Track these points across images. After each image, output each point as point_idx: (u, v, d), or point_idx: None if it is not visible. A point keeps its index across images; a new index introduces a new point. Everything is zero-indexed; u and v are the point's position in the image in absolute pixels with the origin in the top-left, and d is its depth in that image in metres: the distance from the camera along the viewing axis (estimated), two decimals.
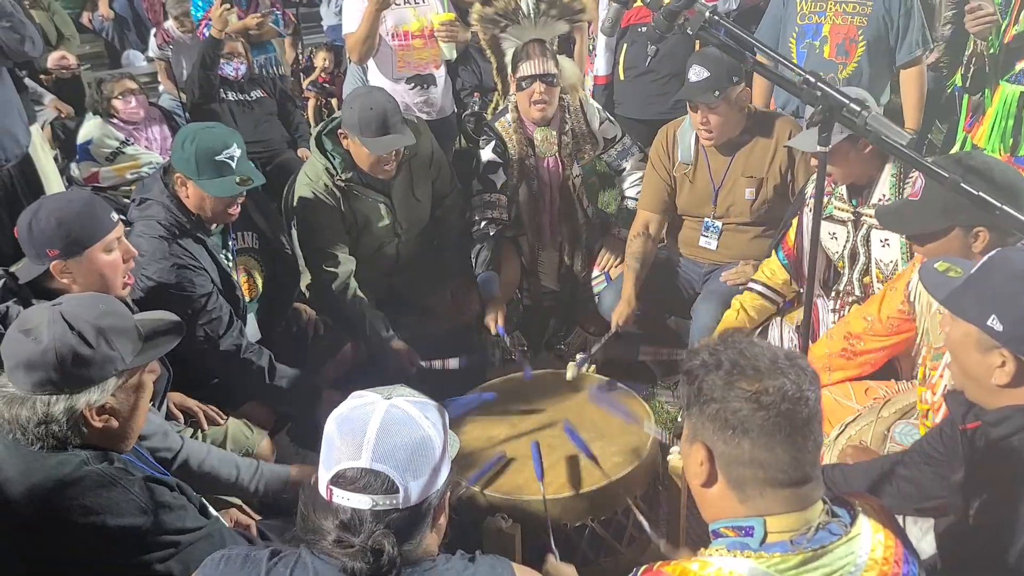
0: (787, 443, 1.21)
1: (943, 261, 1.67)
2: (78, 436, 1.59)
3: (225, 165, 2.51)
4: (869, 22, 3.44)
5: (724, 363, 1.25)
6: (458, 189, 3.40)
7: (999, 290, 1.50)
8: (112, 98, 4.36)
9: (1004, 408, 1.53)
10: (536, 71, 3.11)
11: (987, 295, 1.51)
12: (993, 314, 1.48)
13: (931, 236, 2.05)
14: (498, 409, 2.56)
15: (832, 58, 3.50)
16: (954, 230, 1.99)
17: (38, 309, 1.63)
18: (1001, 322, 1.47)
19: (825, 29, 3.50)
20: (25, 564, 1.58)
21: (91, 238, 2.10)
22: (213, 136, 2.54)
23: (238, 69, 4.71)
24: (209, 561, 1.38)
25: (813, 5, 3.52)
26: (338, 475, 1.29)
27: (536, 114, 3.20)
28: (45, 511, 1.55)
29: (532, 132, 3.29)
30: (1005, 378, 1.49)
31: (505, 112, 3.34)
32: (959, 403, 1.66)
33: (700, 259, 3.26)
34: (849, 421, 2.31)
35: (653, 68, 3.86)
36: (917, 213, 2.08)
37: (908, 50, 3.45)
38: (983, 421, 1.57)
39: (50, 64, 4.62)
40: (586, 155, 3.38)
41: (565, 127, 3.30)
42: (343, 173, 2.97)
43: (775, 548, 1.21)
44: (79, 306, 1.63)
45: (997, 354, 1.50)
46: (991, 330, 1.48)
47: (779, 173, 3.02)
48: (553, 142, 3.29)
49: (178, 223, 2.55)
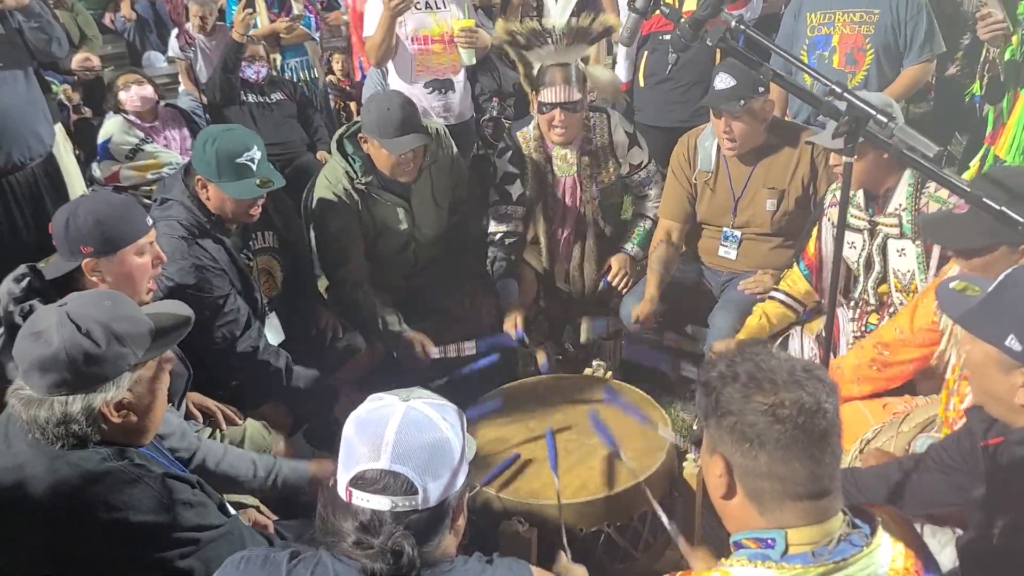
0: (804, 456, 1.21)
1: (960, 280, 1.65)
2: (98, 433, 1.60)
3: (246, 168, 2.54)
4: (876, 30, 3.44)
5: (741, 375, 1.25)
6: (476, 195, 3.41)
7: (1017, 310, 1.48)
8: (117, 91, 4.41)
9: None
10: (557, 99, 3.05)
11: (1005, 315, 1.49)
12: (1012, 334, 1.46)
13: (977, 251, 2.01)
14: (513, 413, 2.57)
15: (841, 67, 3.51)
16: (1001, 247, 1.95)
17: (45, 311, 1.64)
18: (1021, 342, 1.45)
19: (834, 40, 3.52)
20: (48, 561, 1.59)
21: (125, 239, 2.13)
22: (234, 138, 2.56)
23: (259, 72, 4.76)
24: (229, 562, 1.39)
25: (822, 17, 3.54)
26: (357, 476, 1.30)
27: (555, 138, 3.16)
28: (70, 507, 1.56)
29: (551, 150, 3.26)
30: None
31: (527, 122, 3.31)
32: (981, 419, 1.65)
33: (719, 267, 3.25)
34: (869, 437, 2.29)
35: (673, 76, 3.86)
36: (963, 228, 2.03)
37: (917, 53, 3.45)
38: (1007, 439, 1.56)
39: (74, 65, 4.68)
40: (606, 177, 3.30)
41: (587, 147, 3.25)
42: (363, 177, 2.99)
43: (796, 560, 1.21)
44: (85, 305, 1.63)
45: (1019, 373, 1.48)
46: (1010, 350, 1.47)
47: (801, 185, 3.01)
48: (572, 162, 3.24)
49: (198, 223, 2.57)
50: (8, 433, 1.64)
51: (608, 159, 3.29)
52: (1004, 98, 3.32)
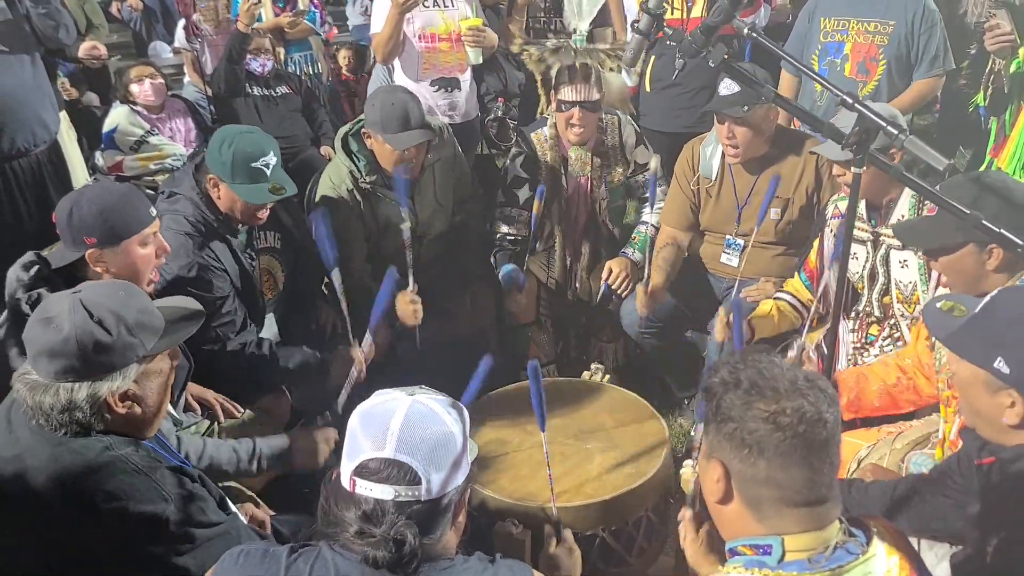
0: (803, 464, 1.21)
1: (947, 300, 1.65)
2: (101, 422, 1.61)
3: (260, 172, 2.54)
4: (890, 41, 3.44)
5: (743, 382, 1.26)
6: (479, 195, 3.41)
7: (1005, 332, 1.48)
8: (129, 83, 4.41)
9: (1020, 446, 1.51)
10: (577, 98, 3.08)
11: (992, 337, 1.49)
12: (999, 356, 1.46)
13: (945, 251, 2.03)
14: (511, 415, 2.56)
15: (853, 76, 3.51)
16: (968, 245, 1.97)
17: (58, 297, 1.65)
18: (1008, 364, 1.46)
19: (847, 47, 3.51)
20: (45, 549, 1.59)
21: (129, 230, 2.13)
22: (251, 142, 2.55)
23: (264, 65, 4.75)
24: (228, 556, 1.39)
25: (836, 23, 3.53)
26: (362, 466, 1.31)
27: (573, 137, 3.19)
28: (70, 495, 1.56)
29: (567, 150, 3.28)
30: (1016, 418, 1.48)
31: (542, 124, 3.33)
32: (973, 438, 1.65)
33: (721, 274, 3.25)
34: (863, 456, 2.29)
35: (680, 81, 3.84)
36: (933, 228, 2.06)
37: (928, 67, 3.45)
38: (999, 458, 1.56)
39: (81, 54, 4.67)
40: (616, 177, 3.34)
41: (600, 148, 3.28)
42: (368, 176, 2.98)
43: (792, 567, 1.22)
44: (99, 293, 1.64)
45: (1006, 395, 1.49)
46: (998, 372, 1.47)
47: (805, 195, 3.01)
48: (587, 162, 3.27)
49: (205, 221, 2.56)
50: (11, 419, 1.65)
51: (618, 160, 3.32)
52: (1007, 110, 3.34)
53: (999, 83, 3.25)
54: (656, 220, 3.35)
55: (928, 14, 3.39)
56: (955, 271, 2.01)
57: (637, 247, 3.35)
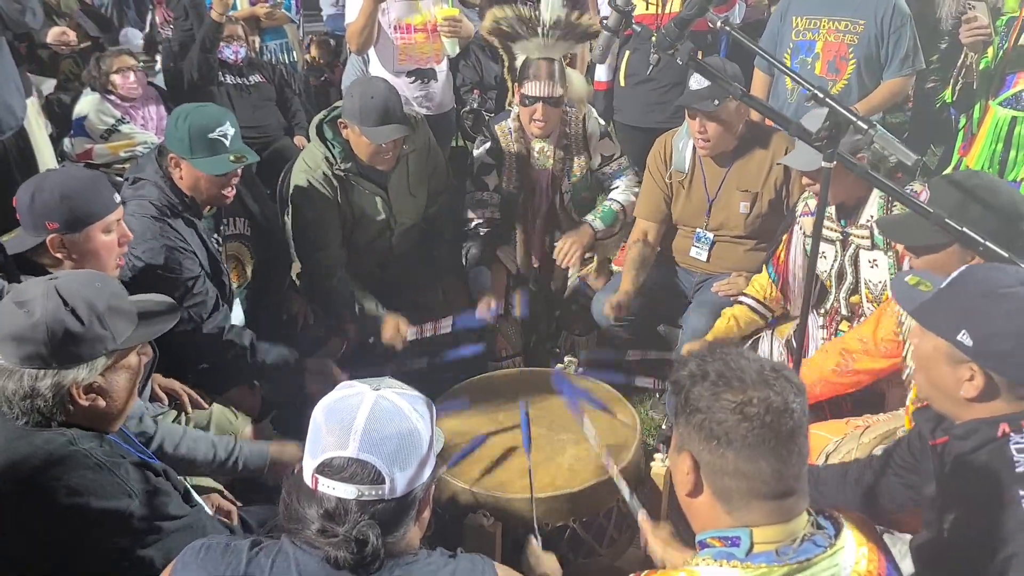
0: (771, 455, 1.22)
1: (913, 275, 1.68)
2: (63, 413, 1.58)
3: (219, 143, 2.51)
4: (860, 40, 3.46)
5: (711, 374, 1.26)
6: (452, 187, 3.39)
7: (970, 306, 1.51)
8: (111, 73, 4.34)
9: (971, 421, 1.54)
10: (540, 93, 3.09)
11: (958, 310, 1.52)
12: (964, 329, 1.49)
13: (929, 248, 2.07)
14: (480, 406, 2.57)
15: (823, 75, 3.54)
16: (953, 245, 2.00)
17: (34, 282, 1.62)
18: (971, 337, 1.48)
19: (818, 46, 3.54)
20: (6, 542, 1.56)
21: (93, 216, 2.10)
22: (206, 114, 2.54)
23: (237, 52, 4.69)
24: (189, 549, 1.37)
25: (808, 22, 3.56)
26: (324, 464, 1.29)
27: (536, 130, 3.21)
28: (27, 488, 1.53)
29: (531, 142, 3.29)
30: (973, 391, 1.51)
31: (506, 116, 3.33)
32: (927, 419, 1.69)
33: (692, 268, 3.27)
34: (831, 450, 2.31)
35: (654, 76, 3.84)
36: (919, 225, 2.06)
37: (898, 67, 3.48)
38: (951, 435, 1.59)
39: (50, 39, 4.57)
40: (578, 170, 3.34)
41: (563, 141, 3.30)
42: (342, 163, 2.96)
43: (760, 559, 1.22)
44: (75, 282, 1.62)
45: (966, 368, 1.51)
46: (961, 344, 1.50)
47: (774, 188, 3.03)
48: (550, 155, 3.30)
49: (170, 204, 2.54)
50: None
51: (581, 151, 3.33)
52: (975, 107, 3.37)
53: (969, 78, 3.28)
54: (624, 199, 3.35)
55: (898, 14, 3.42)
56: (936, 269, 2.02)
57: (600, 216, 3.34)
